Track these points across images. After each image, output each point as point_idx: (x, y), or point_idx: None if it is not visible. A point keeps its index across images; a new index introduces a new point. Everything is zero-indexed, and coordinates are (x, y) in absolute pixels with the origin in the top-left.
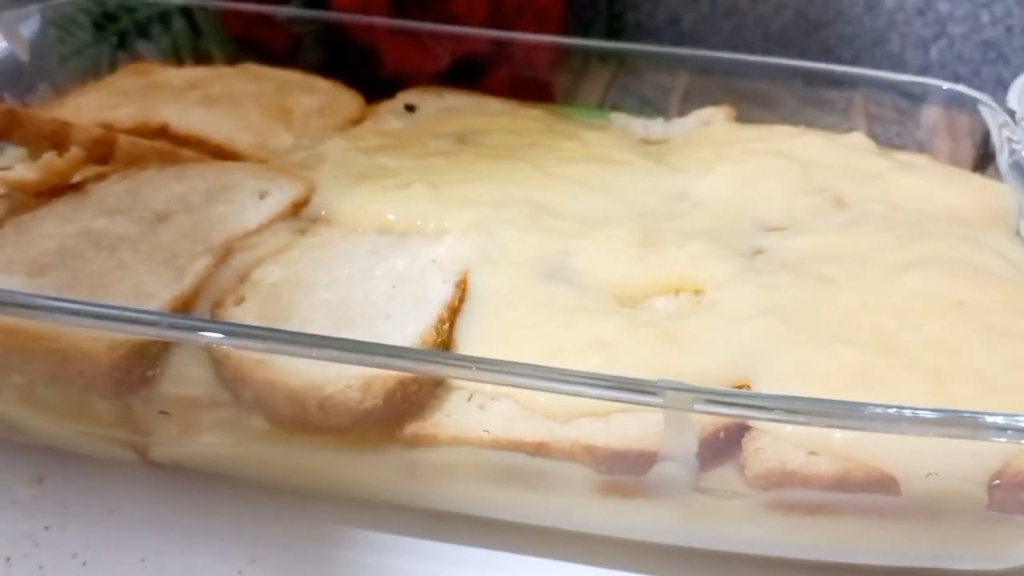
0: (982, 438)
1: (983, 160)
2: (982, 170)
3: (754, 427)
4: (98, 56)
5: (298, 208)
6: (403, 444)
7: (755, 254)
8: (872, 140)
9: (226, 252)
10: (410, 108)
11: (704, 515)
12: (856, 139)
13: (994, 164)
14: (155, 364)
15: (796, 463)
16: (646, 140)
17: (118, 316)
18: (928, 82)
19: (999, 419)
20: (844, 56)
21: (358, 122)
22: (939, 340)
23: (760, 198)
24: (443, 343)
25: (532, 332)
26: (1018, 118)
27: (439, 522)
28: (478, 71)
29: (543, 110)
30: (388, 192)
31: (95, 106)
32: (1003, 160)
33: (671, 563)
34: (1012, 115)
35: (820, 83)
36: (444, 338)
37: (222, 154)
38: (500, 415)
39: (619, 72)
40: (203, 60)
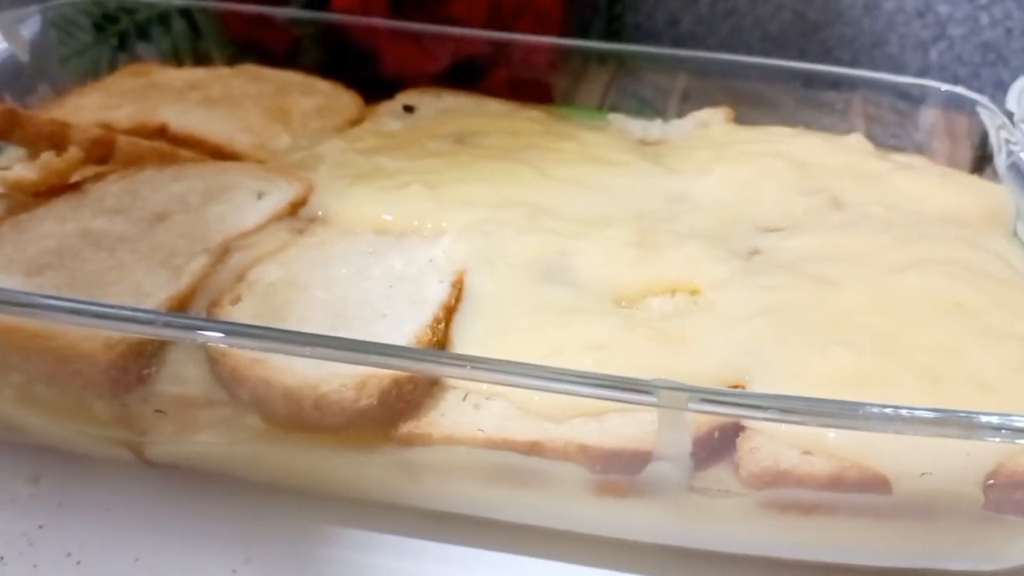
0: (977, 438)
1: (981, 162)
2: (980, 172)
3: (748, 427)
4: (98, 57)
5: (296, 208)
6: (398, 443)
7: (752, 255)
8: (870, 141)
9: (224, 252)
10: (409, 109)
11: (698, 515)
12: (854, 140)
13: (992, 166)
14: (151, 363)
15: (790, 462)
16: (644, 141)
17: (114, 315)
18: (926, 84)
19: (994, 419)
20: (843, 58)
21: (357, 123)
22: (936, 341)
23: (758, 199)
24: (439, 343)
25: (528, 332)
26: (1016, 120)
27: (434, 522)
28: (477, 72)
29: (541, 111)
30: (386, 193)
31: (95, 107)
32: (1001, 161)
33: (665, 563)
34: (1010, 117)
35: (818, 84)
36: (440, 338)
37: (221, 155)
38: (495, 414)
39: (618, 73)
40: (203, 61)
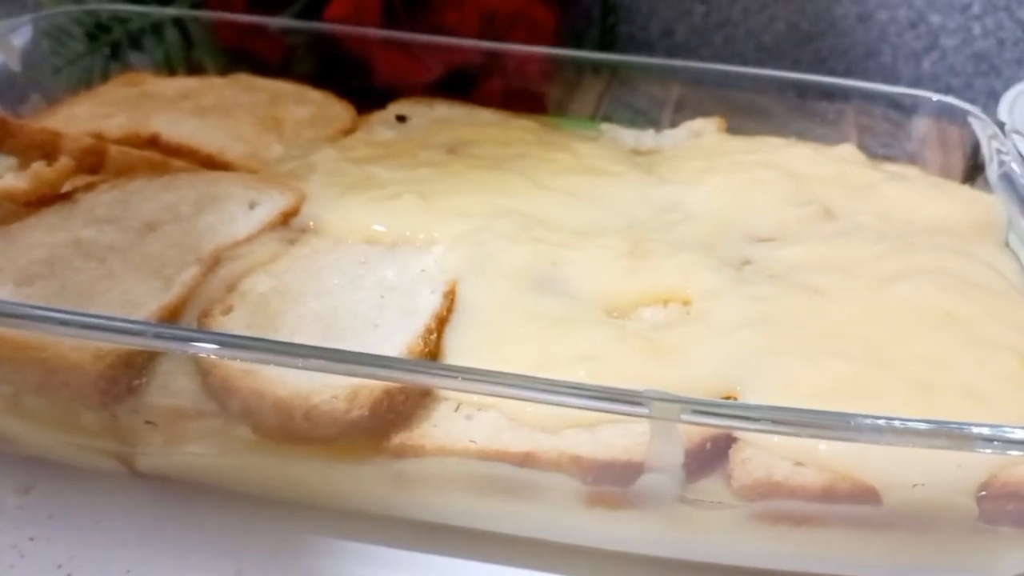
0: (969, 449)
1: (973, 171)
2: (972, 182)
3: (740, 438)
4: (90, 67)
5: (288, 218)
6: (389, 454)
7: (744, 265)
8: (862, 151)
9: (215, 262)
10: (401, 119)
11: (690, 526)
12: (846, 151)
13: (984, 176)
14: (141, 374)
15: (783, 474)
16: (637, 151)
17: (104, 326)
18: (918, 94)
19: (985, 430)
20: (837, 68)
21: (349, 133)
22: (928, 352)
23: (750, 209)
24: (431, 353)
25: (520, 342)
26: (1008, 130)
27: (426, 533)
28: (470, 82)
29: (534, 121)
30: (378, 203)
31: (87, 116)
32: (992, 172)
33: (658, 574)
34: (1002, 127)
35: (811, 95)
36: (432, 348)
37: (213, 164)
38: (487, 425)
39: (612, 84)
40: (196, 71)
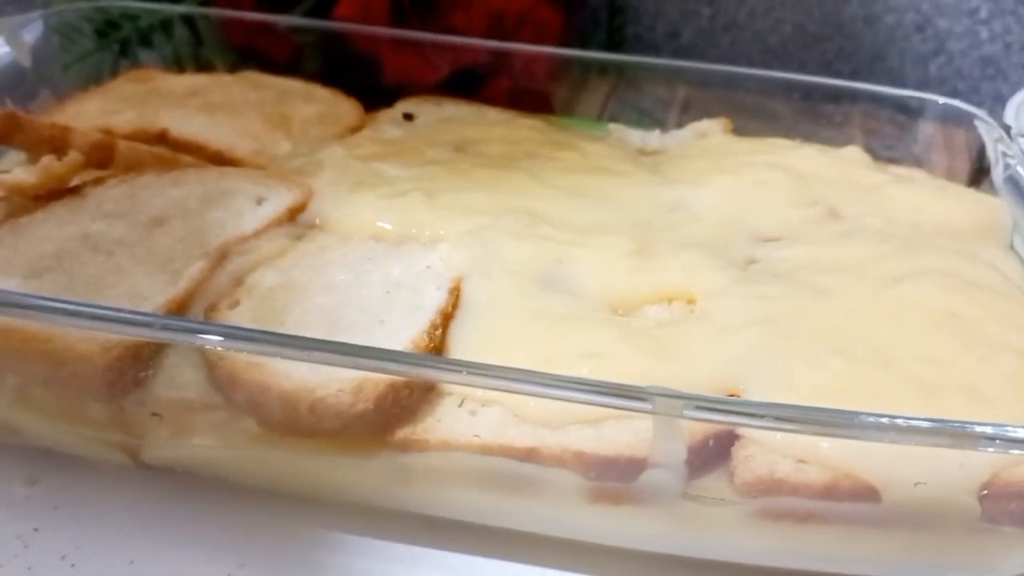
0: (971, 448)
1: (978, 174)
2: (977, 184)
3: (743, 435)
4: (100, 63)
5: (295, 214)
6: (394, 448)
7: (749, 264)
8: (868, 154)
9: (222, 256)
10: (408, 117)
11: (693, 522)
12: (852, 152)
13: (989, 179)
14: (148, 366)
15: (785, 471)
16: (643, 151)
17: (111, 317)
18: (925, 97)
19: (988, 429)
20: (843, 71)
21: (357, 130)
22: (931, 352)
23: (755, 210)
24: (436, 349)
25: (525, 339)
26: (1013, 133)
27: (429, 527)
28: (477, 81)
29: (541, 121)
30: (385, 200)
31: (96, 112)
32: (997, 175)
33: (660, 570)
34: (1008, 130)
35: (817, 97)
36: (437, 344)
37: (221, 161)
38: (491, 421)
39: (618, 84)
40: (204, 69)
